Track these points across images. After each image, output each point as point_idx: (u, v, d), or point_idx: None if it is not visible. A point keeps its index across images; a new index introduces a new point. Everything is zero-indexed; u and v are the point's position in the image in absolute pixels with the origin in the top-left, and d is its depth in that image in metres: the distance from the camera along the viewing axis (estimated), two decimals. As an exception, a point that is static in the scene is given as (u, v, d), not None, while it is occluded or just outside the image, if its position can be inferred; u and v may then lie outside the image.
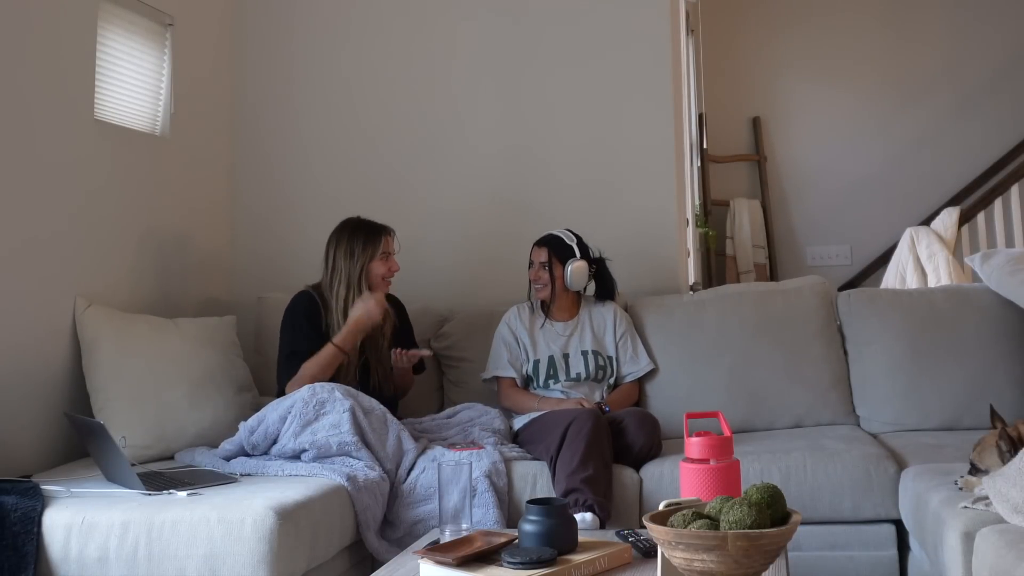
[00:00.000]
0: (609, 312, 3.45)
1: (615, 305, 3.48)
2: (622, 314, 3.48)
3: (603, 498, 2.77)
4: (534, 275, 3.39)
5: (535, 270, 3.39)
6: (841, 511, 2.85)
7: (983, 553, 1.99)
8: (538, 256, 3.39)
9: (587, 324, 3.41)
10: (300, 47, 4.16)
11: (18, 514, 2.37)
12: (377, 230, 3.29)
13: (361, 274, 3.23)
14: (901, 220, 5.62)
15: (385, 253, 3.27)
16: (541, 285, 3.38)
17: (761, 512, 1.71)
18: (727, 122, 6.05)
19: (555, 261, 3.36)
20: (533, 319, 3.42)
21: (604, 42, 3.96)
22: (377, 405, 2.99)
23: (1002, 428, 2.34)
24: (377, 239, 3.26)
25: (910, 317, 3.43)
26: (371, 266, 3.25)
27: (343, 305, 3.21)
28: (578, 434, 2.87)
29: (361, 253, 3.23)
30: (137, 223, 3.49)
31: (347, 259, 3.24)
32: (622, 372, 3.43)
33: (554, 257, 3.36)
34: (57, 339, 3.06)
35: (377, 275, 3.26)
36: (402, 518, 2.85)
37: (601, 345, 3.39)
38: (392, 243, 3.31)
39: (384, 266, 3.27)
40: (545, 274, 3.37)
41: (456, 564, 1.98)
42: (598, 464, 2.83)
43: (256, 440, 2.92)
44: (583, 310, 3.45)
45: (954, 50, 5.87)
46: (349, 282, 3.22)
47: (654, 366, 3.45)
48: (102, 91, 3.32)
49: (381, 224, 3.32)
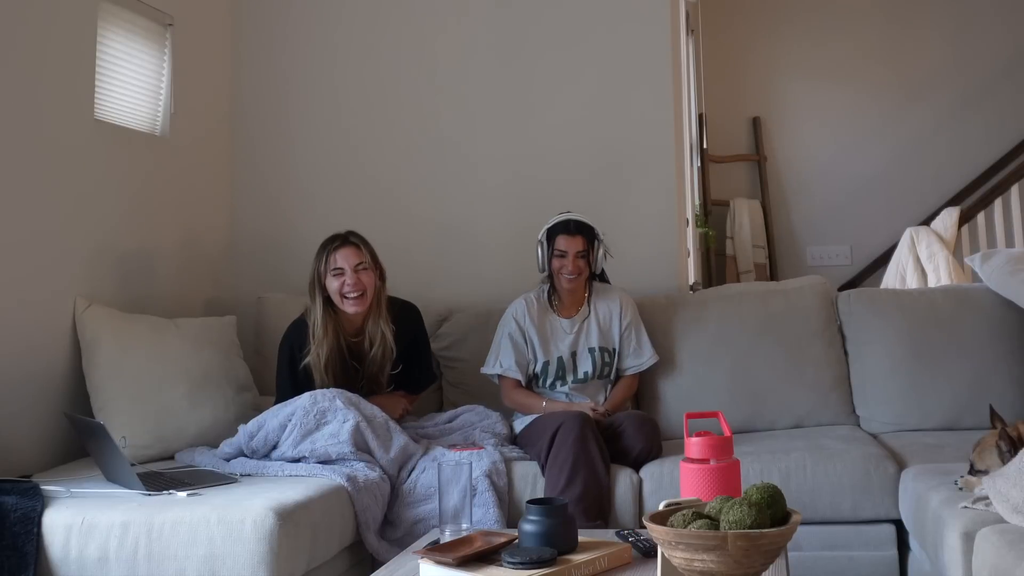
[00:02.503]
0: (615, 301, 3.35)
1: (621, 292, 3.39)
2: (628, 302, 3.38)
3: (596, 515, 2.76)
4: (572, 266, 3.22)
5: (571, 260, 3.22)
6: (841, 511, 2.85)
7: (983, 553, 1.99)
8: (574, 245, 3.22)
9: (593, 319, 3.32)
10: (300, 47, 4.15)
11: (18, 514, 2.37)
12: (327, 242, 3.10)
13: (314, 291, 3.08)
14: (901, 220, 5.61)
15: (336, 269, 3.06)
16: (577, 275, 3.25)
17: (761, 512, 1.71)
18: (727, 122, 6.04)
19: (591, 248, 3.26)
20: (542, 315, 3.31)
21: (604, 42, 3.96)
22: (378, 412, 2.97)
23: (1002, 428, 2.35)
24: (323, 252, 3.09)
25: (910, 317, 3.43)
26: (325, 282, 3.08)
27: (312, 327, 3.08)
28: (566, 443, 2.86)
29: (313, 269, 3.10)
30: (137, 223, 3.49)
31: (310, 277, 3.12)
32: (624, 365, 3.34)
33: (589, 243, 3.25)
34: (57, 339, 3.05)
35: (333, 292, 3.08)
36: (402, 518, 2.85)
37: (607, 339, 3.32)
38: (345, 256, 3.06)
39: (337, 281, 3.06)
40: (583, 263, 3.23)
41: (456, 564, 1.98)
42: (587, 476, 2.81)
43: (256, 446, 2.91)
44: (590, 302, 3.34)
45: (954, 50, 5.87)
46: (313, 301, 3.10)
47: (658, 359, 3.37)
48: (102, 91, 3.31)
49: (340, 234, 3.13)
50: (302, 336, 3.14)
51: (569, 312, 3.34)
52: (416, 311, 3.33)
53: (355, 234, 3.17)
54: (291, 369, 3.13)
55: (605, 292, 3.39)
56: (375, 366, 3.16)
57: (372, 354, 3.15)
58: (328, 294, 3.10)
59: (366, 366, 3.17)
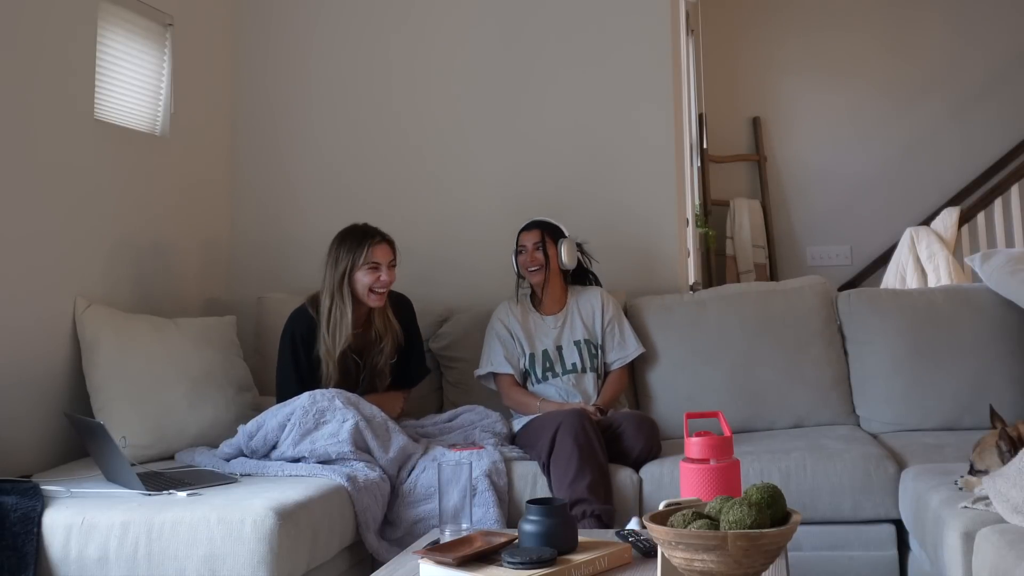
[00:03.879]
0: (596, 298, 3.42)
1: (600, 290, 3.46)
2: (609, 298, 3.44)
3: (606, 503, 2.78)
4: (528, 259, 3.36)
5: (528, 253, 3.36)
6: (841, 511, 2.85)
7: (983, 553, 1.99)
8: (530, 239, 3.37)
9: (576, 314, 3.39)
10: (300, 47, 4.16)
11: (18, 514, 2.37)
12: (364, 236, 3.11)
13: (343, 283, 3.08)
14: (901, 220, 5.62)
15: (373, 263, 3.08)
16: (536, 268, 3.35)
17: (761, 512, 1.71)
18: (727, 122, 6.04)
19: (548, 241, 3.35)
20: (524, 313, 3.41)
21: (604, 42, 3.96)
22: (378, 412, 2.98)
23: (1002, 428, 2.35)
24: (361, 246, 3.08)
25: (910, 317, 3.43)
26: (356, 276, 3.09)
27: (327, 316, 3.08)
28: (568, 439, 2.87)
29: (344, 261, 3.08)
30: (137, 223, 3.49)
31: (332, 268, 3.10)
32: (609, 359, 3.39)
33: (547, 237, 3.36)
34: (57, 339, 3.05)
35: (363, 286, 3.08)
36: (402, 518, 2.85)
37: (592, 334, 3.37)
38: (384, 253, 3.11)
39: (372, 276, 3.07)
40: (540, 255, 3.34)
41: (456, 564, 1.98)
42: (594, 468, 2.83)
43: (255, 446, 2.91)
44: (571, 300, 3.42)
45: (954, 50, 5.87)
46: (332, 292, 3.08)
47: (643, 350, 3.41)
48: (102, 91, 3.31)
49: (374, 229, 3.15)
50: (305, 325, 3.15)
51: (551, 309, 3.42)
52: (409, 302, 3.36)
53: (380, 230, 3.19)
54: (294, 357, 3.13)
55: (585, 290, 3.47)
56: (382, 357, 3.19)
57: (381, 346, 3.18)
58: (355, 286, 3.10)
59: (369, 358, 3.19)
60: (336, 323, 3.10)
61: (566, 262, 3.35)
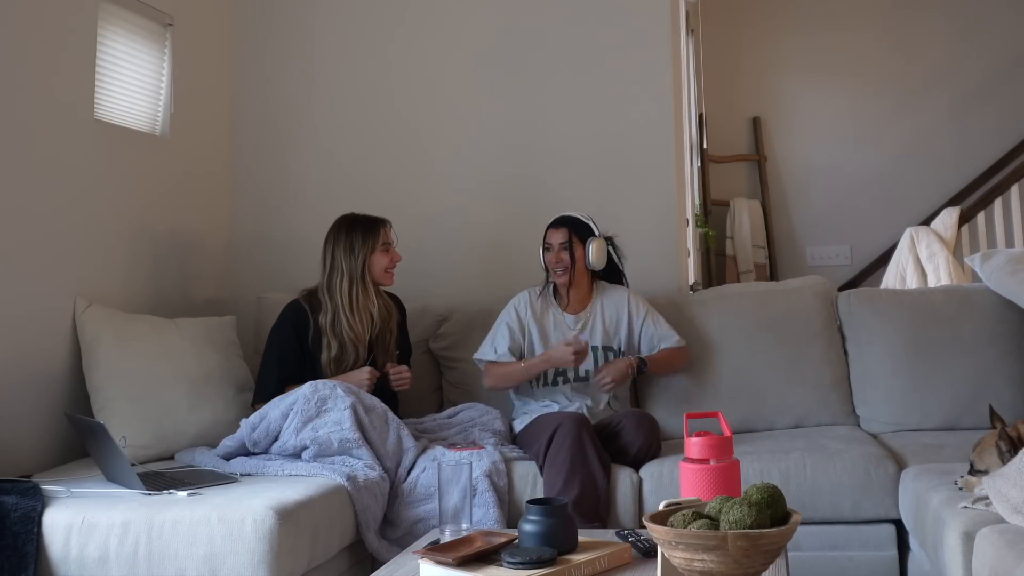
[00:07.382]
0: (623, 301, 3.36)
1: (628, 292, 3.39)
2: (637, 298, 3.38)
3: (592, 521, 2.76)
4: (554, 258, 3.28)
5: (555, 252, 3.28)
6: (841, 511, 2.85)
7: (983, 553, 1.99)
8: (557, 237, 3.29)
9: (598, 316, 3.33)
10: (300, 47, 4.16)
11: (18, 514, 2.37)
12: (375, 222, 3.30)
13: (364, 268, 3.24)
14: (901, 220, 5.62)
15: (385, 244, 3.28)
16: (561, 268, 3.27)
17: (761, 512, 1.71)
18: (727, 122, 6.05)
19: (575, 240, 3.28)
20: (544, 309, 3.34)
21: (604, 42, 3.96)
22: (378, 403, 2.99)
23: (1002, 428, 2.35)
24: (376, 231, 3.27)
25: (910, 317, 3.43)
26: (372, 259, 3.25)
27: (348, 300, 3.20)
28: (562, 445, 2.86)
29: (361, 247, 3.23)
30: (137, 223, 3.49)
31: (348, 255, 3.23)
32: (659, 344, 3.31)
33: (574, 236, 3.28)
34: (57, 339, 3.05)
35: (380, 267, 3.27)
36: (402, 518, 2.85)
37: (611, 339, 3.32)
38: (391, 234, 3.32)
39: (386, 257, 3.28)
40: (566, 255, 3.26)
41: (456, 564, 1.98)
42: (584, 479, 2.82)
43: (258, 437, 2.92)
44: (595, 299, 3.36)
45: (954, 50, 5.87)
46: (352, 277, 3.22)
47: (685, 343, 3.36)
48: (102, 91, 3.31)
49: (377, 216, 3.32)
50: (303, 318, 3.24)
51: (574, 308, 3.36)
52: (402, 303, 3.46)
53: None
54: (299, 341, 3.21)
55: (612, 290, 3.40)
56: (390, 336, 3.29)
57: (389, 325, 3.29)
58: (372, 269, 3.25)
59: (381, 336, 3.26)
60: (360, 307, 3.22)
61: (594, 263, 3.28)
